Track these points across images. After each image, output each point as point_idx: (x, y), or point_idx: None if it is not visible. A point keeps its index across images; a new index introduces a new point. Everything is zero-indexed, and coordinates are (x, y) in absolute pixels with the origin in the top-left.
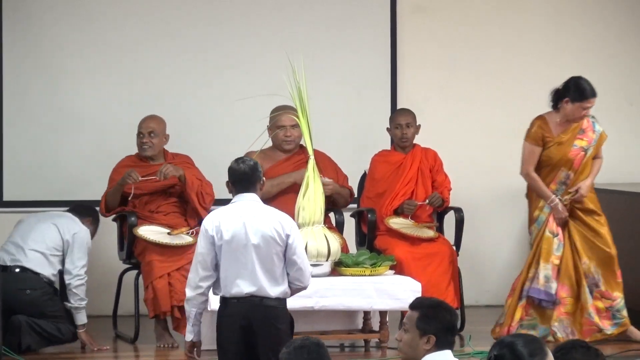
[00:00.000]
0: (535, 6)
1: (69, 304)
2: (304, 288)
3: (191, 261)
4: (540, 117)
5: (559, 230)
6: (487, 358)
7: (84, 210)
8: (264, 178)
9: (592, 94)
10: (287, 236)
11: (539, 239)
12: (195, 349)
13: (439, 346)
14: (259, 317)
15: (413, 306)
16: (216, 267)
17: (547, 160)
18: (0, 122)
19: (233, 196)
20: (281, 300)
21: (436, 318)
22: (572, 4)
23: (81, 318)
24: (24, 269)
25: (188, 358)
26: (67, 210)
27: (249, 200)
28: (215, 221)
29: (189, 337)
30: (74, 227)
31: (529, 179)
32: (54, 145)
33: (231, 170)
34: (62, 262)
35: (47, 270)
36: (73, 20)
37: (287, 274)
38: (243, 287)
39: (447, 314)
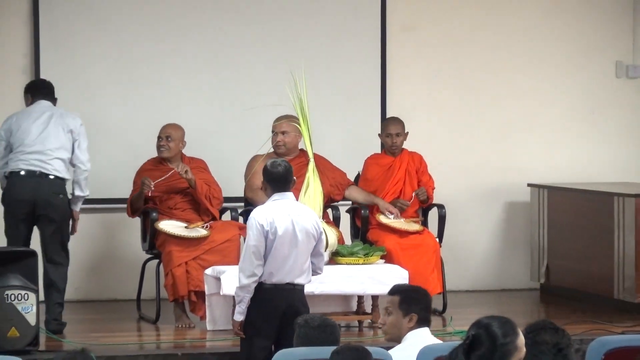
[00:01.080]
0: (509, 26)
1: (80, 194)
2: (320, 274)
3: (206, 251)
4: None
5: None
6: (465, 337)
7: (52, 93)
8: (295, 178)
9: None
10: (320, 233)
11: None
12: (240, 326)
13: (419, 323)
14: (296, 300)
15: (393, 292)
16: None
17: None
18: None
19: (267, 194)
20: (304, 286)
21: (416, 299)
22: (542, 25)
23: (80, 206)
24: (56, 176)
25: (236, 335)
26: (44, 97)
27: (290, 199)
28: (268, 218)
29: (239, 317)
30: (77, 120)
31: None
32: (90, 151)
33: (267, 172)
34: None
35: (69, 176)
36: (102, 39)
37: (312, 263)
38: (284, 276)
39: (424, 295)
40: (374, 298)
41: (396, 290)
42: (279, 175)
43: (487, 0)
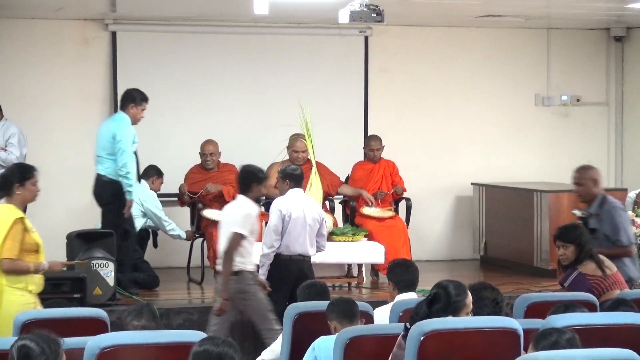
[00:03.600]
0: (457, 68)
1: None
2: (324, 250)
3: None
4: None
5: None
6: (428, 294)
7: None
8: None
9: None
10: (322, 219)
11: None
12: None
13: (400, 289)
14: (305, 268)
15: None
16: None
17: None
18: None
19: (285, 188)
20: (311, 257)
21: (393, 271)
22: (481, 67)
23: None
24: None
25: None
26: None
27: (301, 194)
28: (286, 205)
29: (262, 278)
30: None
31: None
32: (153, 157)
33: (288, 173)
34: None
35: None
36: (164, 77)
37: (317, 242)
38: (298, 249)
39: (402, 268)
40: (359, 266)
41: (389, 262)
42: (297, 175)
43: (441, 49)
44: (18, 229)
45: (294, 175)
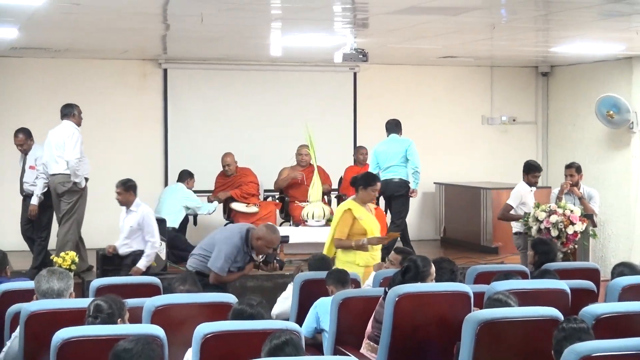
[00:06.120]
0: (425, 95)
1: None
2: None
3: (257, 219)
4: None
5: None
6: (401, 267)
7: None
8: None
9: None
10: None
11: None
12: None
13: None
14: None
15: (398, 252)
16: None
17: None
18: (165, 156)
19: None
20: None
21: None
22: (443, 95)
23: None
24: None
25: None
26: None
27: None
28: None
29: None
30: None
31: None
32: (191, 162)
33: None
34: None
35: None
36: (202, 104)
37: None
38: None
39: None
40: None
41: (400, 251)
42: None
43: (411, 82)
44: (346, 216)
45: None
